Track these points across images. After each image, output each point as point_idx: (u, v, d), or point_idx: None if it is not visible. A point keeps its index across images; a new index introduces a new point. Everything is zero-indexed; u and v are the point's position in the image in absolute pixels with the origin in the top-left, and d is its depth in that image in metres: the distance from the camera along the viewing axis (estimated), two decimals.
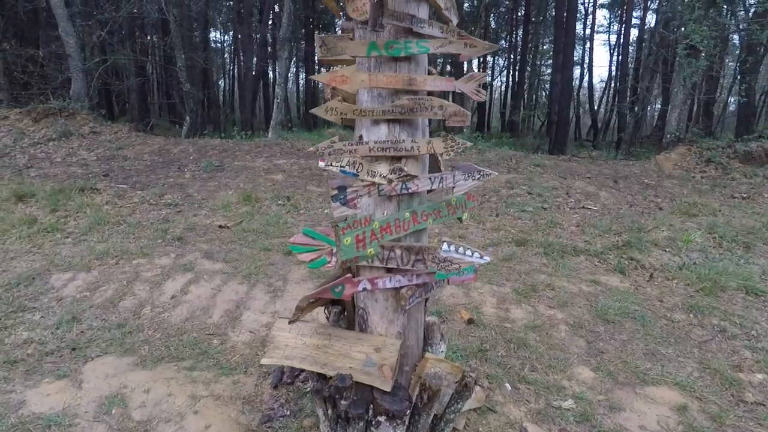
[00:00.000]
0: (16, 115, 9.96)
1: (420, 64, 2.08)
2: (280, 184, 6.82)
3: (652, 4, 22.99)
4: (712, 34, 7.59)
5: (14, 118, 9.92)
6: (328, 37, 1.97)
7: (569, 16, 13.65)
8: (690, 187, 7.53)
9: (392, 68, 2.01)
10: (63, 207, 5.50)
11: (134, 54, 11.35)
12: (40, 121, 9.83)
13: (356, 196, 2.08)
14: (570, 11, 13.45)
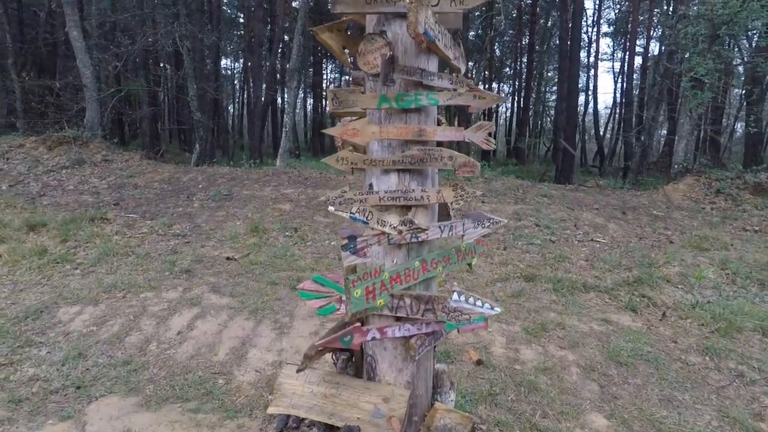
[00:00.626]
0: (32, 143, 10.19)
1: (430, 115, 2.11)
2: (288, 214, 6.86)
3: (656, 33, 23.39)
4: (716, 67, 7.68)
5: (30, 146, 10.15)
6: (340, 90, 2.01)
7: (573, 46, 13.88)
8: (700, 219, 7.47)
9: (402, 119, 2.04)
10: (73, 237, 5.55)
11: (147, 84, 11.66)
12: (55, 149, 10.04)
13: (366, 245, 2.08)
14: (573, 41, 13.69)
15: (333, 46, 2.07)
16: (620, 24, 27.16)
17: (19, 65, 14.43)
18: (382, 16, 1.97)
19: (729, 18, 7.31)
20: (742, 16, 7.21)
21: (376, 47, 1.96)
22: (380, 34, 1.97)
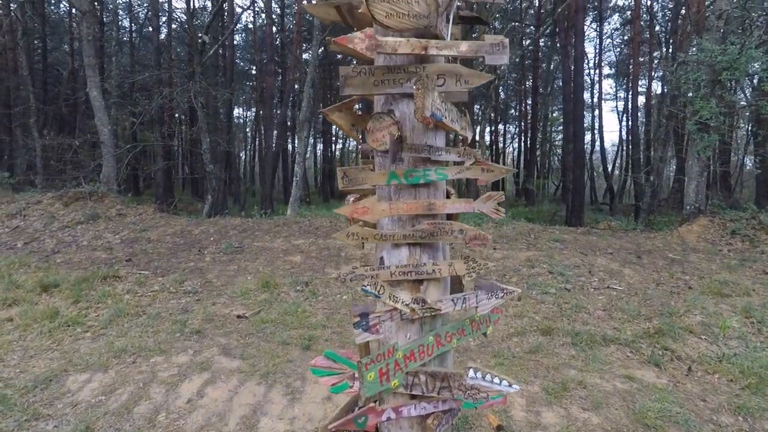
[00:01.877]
0: (49, 200, 10.48)
1: (439, 188, 2.13)
2: (299, 267, 6.84)
3: (657, 74, 23.92)
4: (720, 111, 7.75)
5: (47, 202, 10.43)
6: (349, 169, 2.05)
7: (576, 90, 14.19)
8: (718, 262, 7.29)
9: (412, 194, 2.06)
10: (85, 297, 5.57)
11: (162, 139, 12.11)
12: (71, 204, 10.30)
13: (379, 322, 2.04)
14: (576, 86, 14.01)
15: (342, 124, 2.13)
16: (621, 66, 27.85)
17: (40, 123, 15.16)
18: (389, 96, 2.03)
19: (729, 64, 7.46)
20: (741, 61, 7.35)
21: (384, 125, 2.01)
22: (388, 114, 2.02)
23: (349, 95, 2.07)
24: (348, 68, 1.98)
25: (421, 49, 1.89)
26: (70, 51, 24.07)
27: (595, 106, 29.06)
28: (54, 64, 24.64)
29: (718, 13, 8.23)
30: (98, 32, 13.78)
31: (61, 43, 25.95)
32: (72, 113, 13.39)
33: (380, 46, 1.83)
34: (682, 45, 12.60)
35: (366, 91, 1.99)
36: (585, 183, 19.23)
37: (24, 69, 15.06)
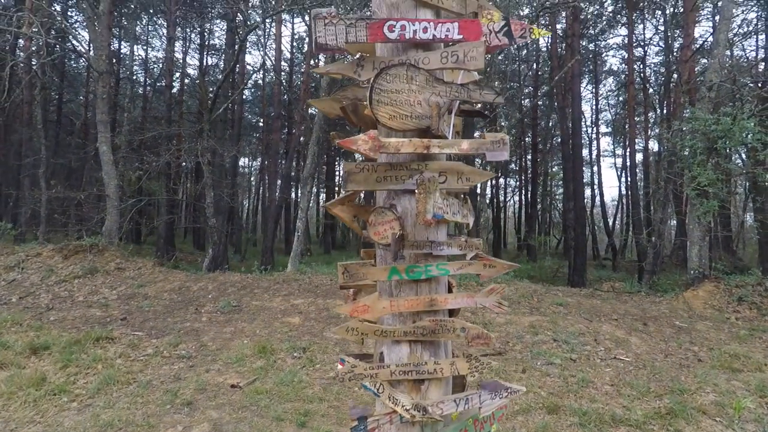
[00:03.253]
0: (49, 252, 10.45)
1: (441, 282, 2.10)
2: (297, 329, 6.68)
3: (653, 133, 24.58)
4: (718, 177, 7.87)
5: (46, 254, 10.40)
6: (350, 264, 2.03)
7: (575, 150, 14.53)
8: (726, 331, 7.10)
9: (413, 289, 2.02)
10: (75, 362, 5.39)
11: (167, 193, 12.30)
12: (70, 257, 10.26)
13: (377, 426, 1.94)
14: (575, 146, 14.36)
15: (344, 217, 2.14)
16: (618, 125, 28.70)
17: (48, 173, 15.46)
18: (391, 191, 2.05)
19: (723, 133, 7.67)
20: (735, 131, 7.56)
21: (386, 220, 2.01)
22: (390, 208, 2.03)
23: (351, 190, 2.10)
24: (351, 164, 2.01)
25: (423, 148, 1.92)
26: (85, 102, 25.04)
27: (593, 162, 29.66)
28: (68, 114, 25.56)
29: (708, 84, 8.57)
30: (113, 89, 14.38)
31: (77, 95, 27.07)
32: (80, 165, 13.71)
33: (383, 147, 1.86)
34: (676, 111, 13.03)
35: (369, 187, 2.01)
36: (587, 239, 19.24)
37: (38, 122, 15.57)
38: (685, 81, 13.08)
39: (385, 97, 1.85)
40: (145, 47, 24.81)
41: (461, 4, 2.07)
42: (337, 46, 1.92)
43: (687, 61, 13.79)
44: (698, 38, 18.85)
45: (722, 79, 8.53)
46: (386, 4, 2.01)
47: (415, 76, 1.91)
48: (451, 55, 1.96)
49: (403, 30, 1.92)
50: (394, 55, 2.01)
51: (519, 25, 2.07)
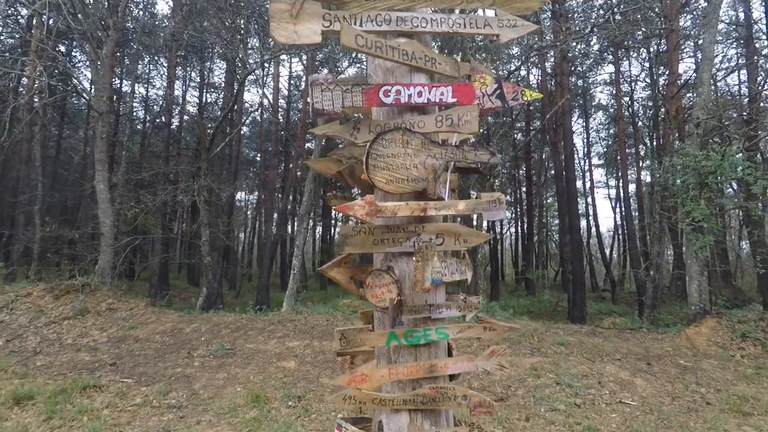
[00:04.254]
0: (39, 292, 10.24)
1: (440, 346, 2.03)
2: (292, 374, 6.48)
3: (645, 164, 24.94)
4: (712, 212, 7.92)
5: (36, 294, 10.18)
6: (348, 330, 1.98)
7: (569, 184, 14.66)
8: (732, 370, 6.95)
9: (412, 354, 1.96)
10: (60, 413, 5.17)
11: (163, 231, 12.23)
12: (61, 297, 10.05)
13: None
14: (569, 181, 14.51)
15: (341, 279, 2.09)
16: (609, 157, 29.12)
17: (44, 210, 15.39)
18: (389, 254, 2.02)
19: (714, 169, 7.77)
20: (725, 167, 7.67)
21: (383, 283, 1.97)
22: (387, 271, 1.99)
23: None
24: (348, 227, 1.99)
25: (420, 211, 1.91)
26: (84, 138, 25.25)
27: (587, 193, 29.90)
28: (67, 149, 25.70)
29: (696, 121, 8.75)
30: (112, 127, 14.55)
31: (77, 131, 27.32)
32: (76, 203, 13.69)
33: (380, 212, 1.84)
34: (666, 145, 13.27)
35: (366, 250, 1.98)
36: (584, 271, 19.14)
37: (37, 159, 15.64)
38: (673, 116, 13.38)
39: (382, 161, 1.85)
40: (146, 85, 25.32)
41: (454, 68, 2.10)
42: (334, 111, 1.93)
43: (673, 97, 14.16)
44: (683, 74, 19.48)
45: (708, 116, 8.73)
46: (382, 68, 2.04)
47: (411, 140, 1.91)
48: (445, 119, 1.98)
49: (398, 95, 1.94)
50: (389, 118, 2.03)
51: (511, 88, 2.11)
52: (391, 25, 1.97)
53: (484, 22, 2.01)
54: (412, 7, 1.98)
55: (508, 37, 2.01)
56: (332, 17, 1.92)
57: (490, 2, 2.01)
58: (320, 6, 1.92)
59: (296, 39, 1.90)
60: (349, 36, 1.78)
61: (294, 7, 1.88)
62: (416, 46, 1.97)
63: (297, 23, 1.88)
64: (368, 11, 1.94)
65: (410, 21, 1.97)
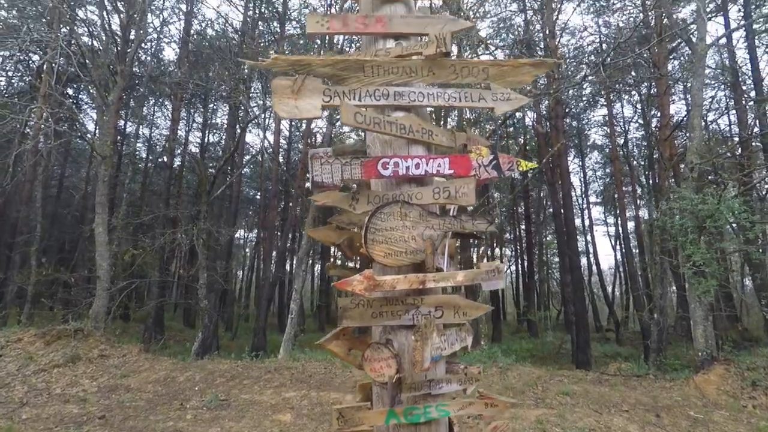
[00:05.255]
0: (30, 337, 10.00)
1: (441, 423, 1.96)
2: (288, 429, 6.23)
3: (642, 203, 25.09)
4: (712, 256, 7.88)
5: (27, 340, 9.94)
6: (345, 408, 1.91)
7: (568, 224, 14.70)
8: (745, 422, 6.70)
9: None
10: None
11: (160, 274, 12.14)
12: (52, 343, 9.81)
13: None
14: (567, 220, 14.55)
15: (339, 352, 2.04)
16: (607, 195, 29.35)
17: (40, 251, 15.29)
18: (387, 326, 1.98)
19: (710, 212, 7.80)
20: (722, 211, 7.70)
21: (382, 357, 1.92)
22: (386, 345, 1.95)
23: None
24: (346, 300, 1.96)
25: (418, 284, 1.88)
26: (86, 178, 25.48)
27: (587, 231, 29.89)
28: (68, 187, 25.87)
29: (690, 165, 8.88)
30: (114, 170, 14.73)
31: (79, 170, 27.61)
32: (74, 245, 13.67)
33: (379, 286, 1.82)
34: (662, 187, 13.41)
35: (364, 323, 1.94)
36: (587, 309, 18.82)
37: (37, 200, 15.70)
38: (667, 158, 13.61)
39: (380, 235, 1.85)
40: (150, 127, 25.83)
41: (450, 138, 2.14)
42: (333, 184, 1.95)
43: (666, 139, 14.46)
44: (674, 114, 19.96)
45: (702, 161, 8.86)
46: (380, 140, 2.08)
47: (409, 212, 1.92)
48: (443, 191, 1.99)
49: (396, 167, 1.97)
50: (388, 189, 2.05)
51: (507, 159, 2.14)
52: (389, 99, 2.02)
53: (479, 95, 2.07)
54: (409, 81, 2.04)
55: (502, 110, 2.06)
56: (332, 92, 1.97)
57: (484, 77, 2.08)
58: (320, 82, 1.98)
59: (297, 114, 1.94)
60: (349, 114, 1.82)
61: (295, 83, 1.93)
62: (413, 119, 2.01)
63: (298, 99, 1.93)
64: (367, 86, 1.99)
65: (407, 95, 2.02)
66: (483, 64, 2.07)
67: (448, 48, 1.95)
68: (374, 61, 2.00)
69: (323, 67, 1.96)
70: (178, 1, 19.27)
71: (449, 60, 2.03)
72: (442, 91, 2.06)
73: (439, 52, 1.97)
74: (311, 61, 1.96)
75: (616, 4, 19.65)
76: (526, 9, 17.86)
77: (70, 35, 13.88)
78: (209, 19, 21.23)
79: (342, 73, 1.97)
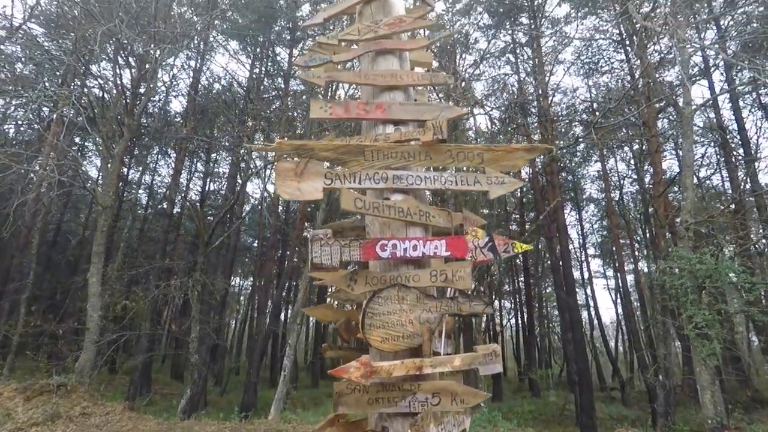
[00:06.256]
0: (10, 392, 9.58)
1: None
2: None
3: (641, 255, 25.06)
4: (714, 317, 7.78)
5: (7, 395, 9.52)
6: None
7: (567, 280, 14.61)
8: None
9: None
10: None
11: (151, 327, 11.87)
12: (33, 399, 9.39)
13: None
14: (567, 277, 14.47)
15: None
16: (605, 248, 29.39)
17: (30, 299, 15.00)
18: (384, 413, 1.92)
19: (709, 273, 7.79)
20: (720, 270, 7.70)
21: None
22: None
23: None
24: (342, 384, 1.91)
25: (415, 369, 1.85)
26: (85, 223, 25.47)
27: (586, 284, 29.63)
28: (66, 232, 25.75)
29: (685, 225, 8.98)
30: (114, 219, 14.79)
31: (78, 215, 27.65)
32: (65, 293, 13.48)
33: (376, 373, 1.79)
34: (658, 243, 13.47)
35: (360, 410, 1.89)
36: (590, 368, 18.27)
37: (33, 247, 15.63)
38: (662, 215, 13.77)
39: (377, 320, 1.84)
40: (152, 174, 26.22)
41: (447, 219, 2.18)
42: (332, 266, 1.96)
43: (660, 196, 14.71)
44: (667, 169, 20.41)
45: (696, 220, 8.97)
46: (379, 221, 2.12)
47: (406, 295, 1.92)
48: (440, 274, 2.01)
49: (394, 249, 1.99)
50: (386, 270, 2.06)
51: (502, 241, 2.17)
52: (388, 183, 2.08)
53: (474, 179, 2.13)
54: (407, 165, 2.11)
55: (497, 194, 2.12)
56: (333, 175, 2.03)
57: (479, 161, 2.15)
58: (322, 165, 2.04)
59: (299, 196, 1.99)
60: (349, 200, 1.87)
61: (299, 166, 2.00)
62: (411, 202, 2.06)
63: (301, 181, 1.99)
64: (367, 170, 2.06)
65: (406, 179, 2.09)
66: (478, 149, 2.15)
67: (443, 135, 2.04)
68: (374, 146, 2.08)
69: (325, 152, 2.03)
70: (188, 57, 20.25)
71: (445, 145, 2.12)
72: (438, 174, 2.13)
73: (435, 139, 2.06)
74: (314, 145, 2.03)
75: (604, 67, 20.71)
76: (519, 71, 18.77)
77: (82, 89, 14.44)
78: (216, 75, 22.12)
79: (343, 157, 2.05)
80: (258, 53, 20.23)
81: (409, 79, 2.46)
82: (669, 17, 8.83)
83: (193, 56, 20.08)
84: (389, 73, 2.33)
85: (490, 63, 20.75)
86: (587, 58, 20.34)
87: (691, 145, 10.11)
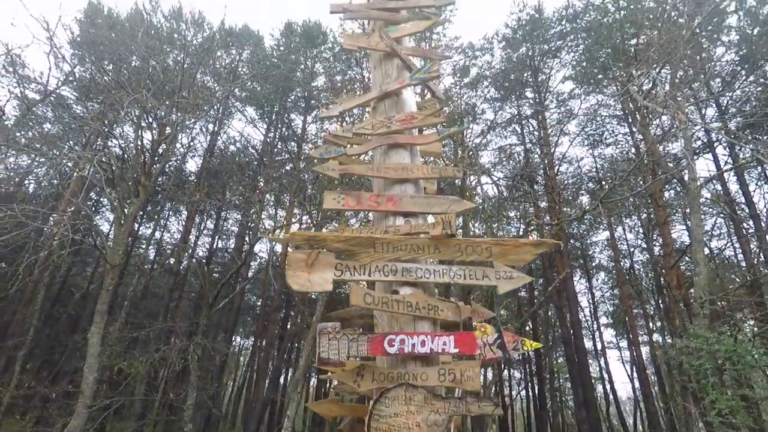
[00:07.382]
0: None
1: None
2: None
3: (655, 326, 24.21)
4: (738, 403, 7.32)
5: None
6: None
7: (579, 354, 14.06)
8: None
9: None
10: None
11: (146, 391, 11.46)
12: None
13: None
14: (579, 350, 13.95)
15: None
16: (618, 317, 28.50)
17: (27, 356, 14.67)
18: None
19: (728, 354, 7.46)
20: (740, 352, 7.36)
21: None
22: None
23: None
24: None
25: None
26: (90, 277, 25.45)
27: (599, 355, 28.39)
28: (70, 285, 25.64)
29: (700, 301, 8.75)
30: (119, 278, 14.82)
31: (85, 268, 27.68)
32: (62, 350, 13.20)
33: None
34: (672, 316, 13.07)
35: None
36: None
37: (37, 303, 15.55)
38: (675, 287, 13.48)
39: (384, 423, 1.77)
40: (162, 230, 26.58)
41: (456, 313, 2.17)
42: (339, 361, 1.93)
43: (672, 268, 14.49)
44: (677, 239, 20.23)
45: (711, 296, 8.76)
46: (387, 315, 2.11)
47: (414, 395, 1.87)
48: (448, 374, 1.96)
49: (402, 344, 1.97)
50: (393, 366, 2.02)
51: (511, 338, 2.14)
52: (397, 275, 2.10)
53: (482, 273, 2.15)
54: (416, 258, 2.14)
55: (505, 289, 2.12)
56: (344, 267, 2.06)
57: (487, 255, 2.18)
58: (333, 256, 2.07)
59: (309, 287, 2.01)
60: (358, 296, 1.88)
61: (310, 257, 2.03)
62: (420, 296, 2.07)
63: (311, 272, 2.01)
64: (376, 262, 2.09)
65: (415, 272, 2.11)
66: (486, 243, 2.19)
67: (452, 230, 2.09)
68: (384, 238, 2.12)
69: (336, 243, 2.07)
70: (207, 122, 21.30)
71: (454, 239, 2.16)
72: (447, 268, 2.15)
73: (444, 233, 2.10)
74: (326, 237, 2.08)
75: (608, 139, 21.35)
76: (525, 142, 19.39)
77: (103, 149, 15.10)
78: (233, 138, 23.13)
79: (354, 249, 2.08)
80: (273, 120, 21.25)
81: (420, 173, 2.56)
82: (669, 99, 9.22)
83: (212, 120, 21.15)
84: (401, 167, 2.43)
85: (496, 132, 21.50)
86: (592, 131, 21.04)
87: (699, 219, 10.12)
